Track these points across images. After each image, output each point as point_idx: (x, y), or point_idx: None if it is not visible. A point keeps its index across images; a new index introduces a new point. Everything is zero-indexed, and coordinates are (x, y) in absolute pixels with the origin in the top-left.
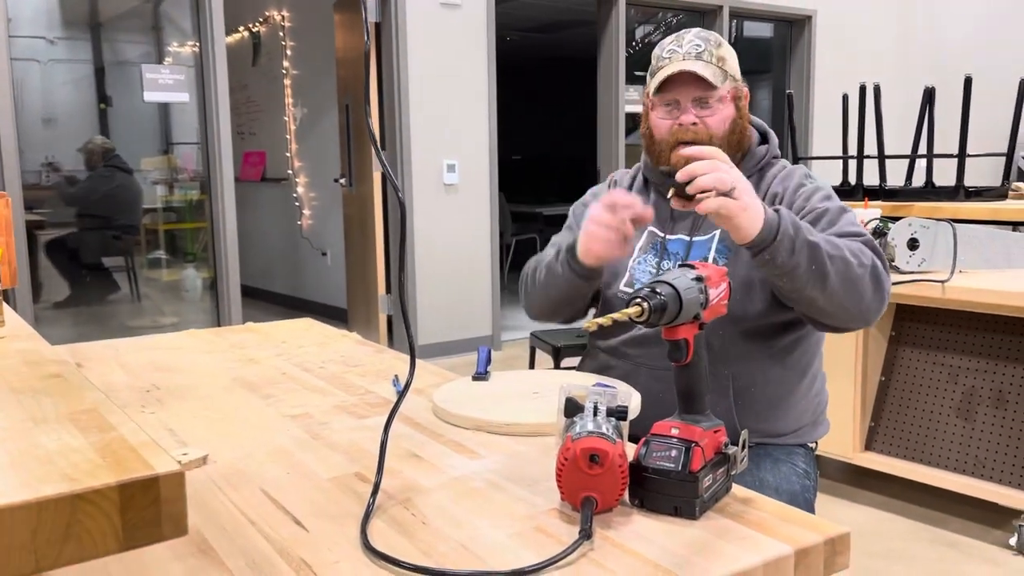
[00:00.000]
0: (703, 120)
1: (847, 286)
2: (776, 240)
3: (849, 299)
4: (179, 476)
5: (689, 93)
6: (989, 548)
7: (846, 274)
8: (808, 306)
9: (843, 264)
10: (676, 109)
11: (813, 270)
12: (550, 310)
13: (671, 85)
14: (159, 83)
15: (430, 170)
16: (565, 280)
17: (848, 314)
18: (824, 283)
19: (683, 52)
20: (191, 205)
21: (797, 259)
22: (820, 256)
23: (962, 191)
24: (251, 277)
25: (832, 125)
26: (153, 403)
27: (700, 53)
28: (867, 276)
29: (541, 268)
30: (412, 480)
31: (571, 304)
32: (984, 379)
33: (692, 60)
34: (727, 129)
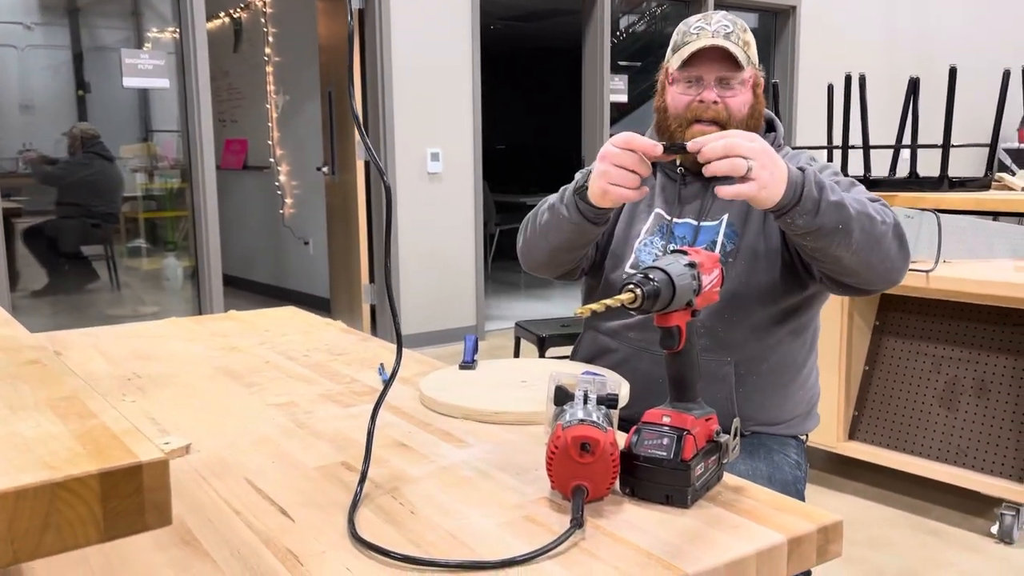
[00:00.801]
0: (724, 100)
1: (872, 243)
2: (799, 203)
3: (875, 256)
4: (163, 464)
5: (714, 71)
6: (971, 536)
7: (871, 231)
8: (834, 264)
9: (868, 221)
10: (697, 86)
11: (839, 229)
12: (547, 258)
13: (697, 61)
14: (138, 69)
15: (414, 159)
16: (571, 223)
17: (874, 272)
18: (849, 241)
19: (711, 30)
20: (172, 193)
21: (821, 220)
22: (845, 214)
23: (946, 181)
24: (233, 266)
25: (817, 115)
26: (134, 391)
27: (728, 34)
28: (891, 233)
29: (543, 211)
30: (400, 469)
31: (571, 252)
32: (967, 368)
33: (721, 38)
34: (746, 114)
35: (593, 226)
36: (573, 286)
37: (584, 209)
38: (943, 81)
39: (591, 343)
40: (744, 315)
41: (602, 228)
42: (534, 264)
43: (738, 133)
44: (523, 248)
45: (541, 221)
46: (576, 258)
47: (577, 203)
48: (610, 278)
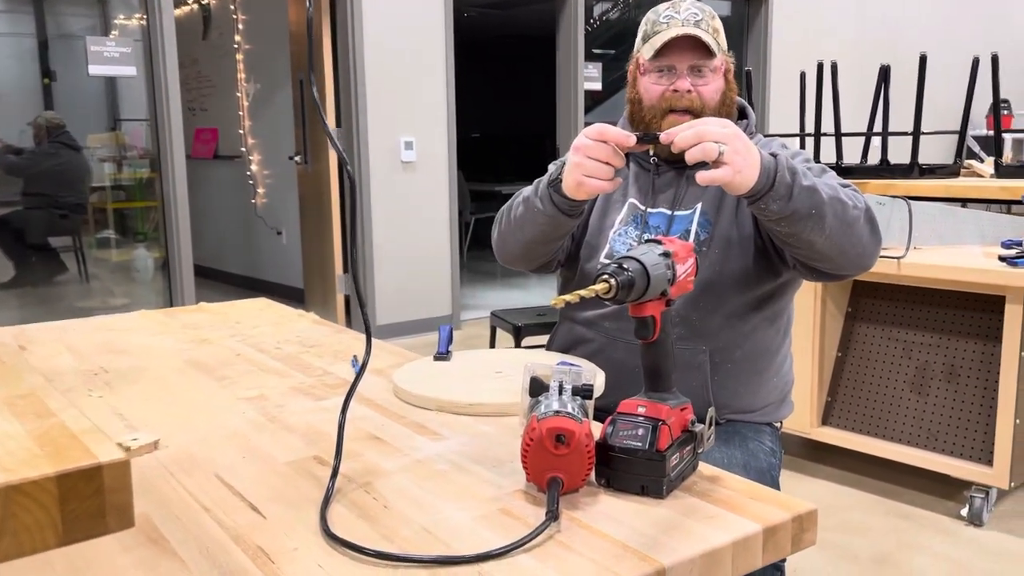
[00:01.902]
0: (697, 89)
1: (845, 228)
2: (773, 188)
3: (848, 241)
4: (123, 465)
5: (686, 60)
6: (942, 519)
7: (844, 216)
8: (807, 249)
9: (840, 206)
10: (671, 75)
11: (812, 214)
12: (522, 251)
13: (668, 50)
14: (104, 56)
15: (387, 148)
16: (545, 215)
17: (847, 257)
18: (822, 226)
19: (681, 18)
20: (141, 183)
21: (794, 204)
22: (818, 199)
23: (916, 169)
24: (204, 257)
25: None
26: (101, 387)
27: (698, 21)
28: (863, 218)
29: (517, 204)
30: (373, 463)
31: (546, 244)
32: (937, 353)
33: (691, 27)
34: (718, 101)
35: (567, 218)
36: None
37: (558, 201)
38: (913, 69)
39: (567, 333)
40: (718, 303)
41: (577, 220)
42: (509, 257)
43: (710, 120)
44: (498, 241)
45: (515, 215)
46: (551, 251)
47: (551, 196)
48: (585, 268)
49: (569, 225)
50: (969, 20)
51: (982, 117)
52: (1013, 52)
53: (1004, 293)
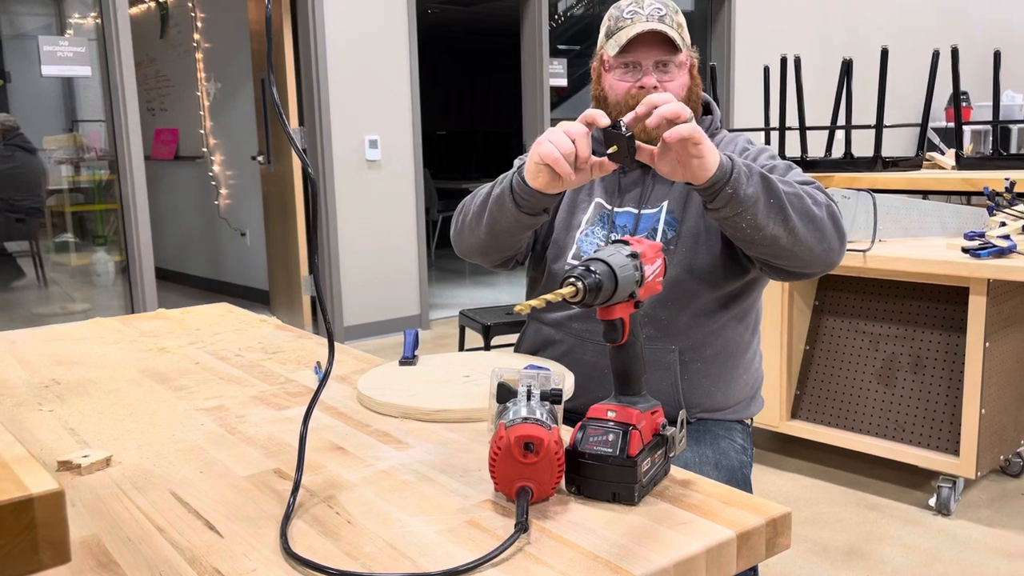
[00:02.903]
0: (663, 85)
1: (807, 222)
2: (733, 174)
3: (812, 236)
4: (58, 496)
5: (652, 55)
6: (911, 509)
7: (804, 210)
8: (772, 247)
9: (799, 200)
10: (635, 71)
11: (772, 203)
12: (479, 246)
13: (634, 46)
14: (58, 56)
15: (351, 146)
16: (506, 214)
17: (812, 254)
18: (785, 217)
19: (645, 14)
20: (100, 185)
21: (756, 192)
22: (776, 190)
23: (880, 162)
24: (167, 260)
25: (754, 97)
26: (52, 400)
27: (662, 16)
28: (824, 213)
29: (479, 197)
30: (336, 475)
31: (506, 240)
32: (903, 345)
33: (655, 22)
34: (684, 97)
35: (527, 217)
36: (518, 274)
37: (519, 193)
38: (875, 62)
39: (535, 335)
40: (687, 301)
41: (537, 220)
42: (467, 250)
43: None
44: (456, 235)
45: (475, 207)
46: (510, 248)
47: (513, 189)
48: (552, 269)
49: (527, 223)
50: (928, 13)
51: (941, 109)
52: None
53: (968, 284)
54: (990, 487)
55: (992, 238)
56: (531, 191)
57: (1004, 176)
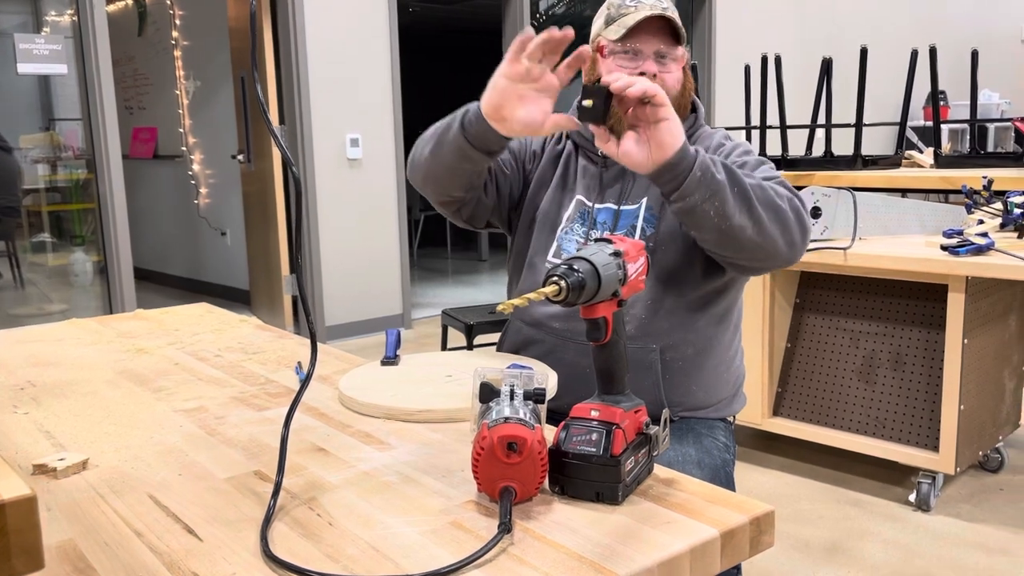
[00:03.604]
0: (661, 76)
1: (771, 213)
2: (699, 156)
3: (776, 227)
4: (30, 502)
5: (653, 44)
6: (891, 505)
7: (768, 201)
8: (739, 238)
9: (762, 191)
10: (635, 59)
11: (737, 192)
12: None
13: (637, 32)
14: (34, 54)
15: (332, 145)
16: (451, 137)
17: (776, 246)
18: (750, 207)
19: (650, 3)
20: (77, 185)
21: (723, 179)
22: (740, 179)
23: (859, 160)
24: (146, 259)
25: (735, 96)
26: (27, 402)
27: (664, 8)
28: (787, 205)
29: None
30: (317, 477)
31: (443, 168)
32: (883, 342)
33: (659, 11)
34: (679, 92)
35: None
36: (500, 272)
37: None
38: (854, 61)
39: (516, 334)
40: (668, 300)
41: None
42: (414, 171)
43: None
44: (412, 156)
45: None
46: (448, 181)
47: (466, 112)
48: (534, 263)
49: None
50: (907, 13)
51: (919, 108)
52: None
53: (946, 282)
54: (969, 482)
55: (970, 236)
56: (480, 119)
57: (982, 174)
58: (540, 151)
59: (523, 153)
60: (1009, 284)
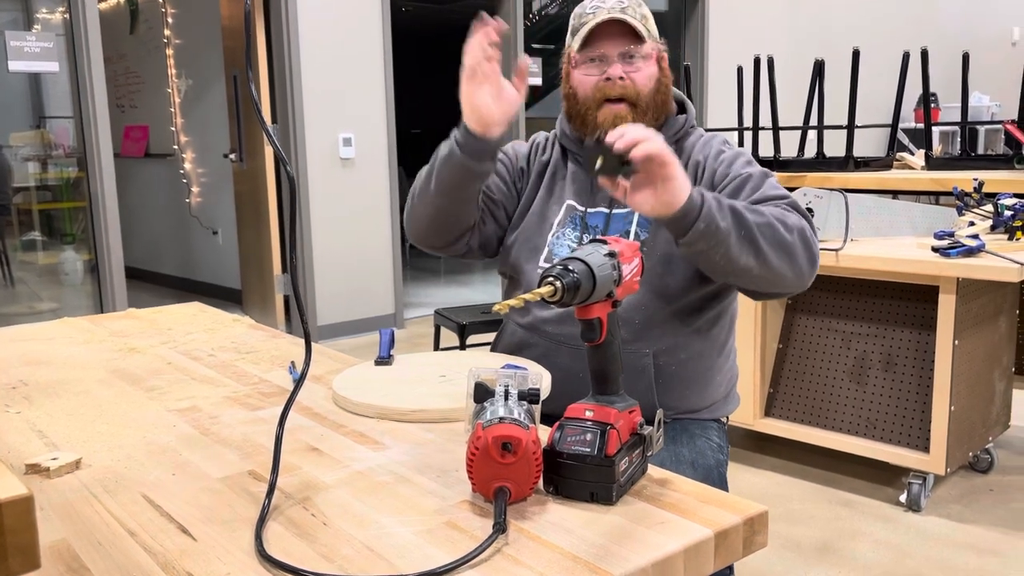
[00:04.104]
0: (630, 76)
1: (779, 251)
2: (704, 206)
3: (783, 263)
4: (26, 502)
5: (616, 47)
6: (882, 505)
7: (776, 239)
8: (744, 276)
9: (770, 228)
10: (602, 64)
11: (743, 235)
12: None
13: (597, 38)
14: (25, 52)
15: (325, 144)
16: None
17: (785, 280)
18: (756, 249)
19: (607, 7)
20: (68, 183)
21: (728, 226)
22: (746, 221)
23: (851, 162)
24: (138, 258)
25: (727, 97)
26: (20, 401)
27: (624, 8)
28: (796, 237)
29: (424, 170)
30: (311, 476)
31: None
32: (874, 344)
33: (617, 14)
34: (652, 88)
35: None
36: (493, 273)
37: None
38: (846, 63)
39: (510, 337)
40: (661, 305)
41: (482, 167)
42: (418, 225)
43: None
44: (408, 215)
45: (422, 177)
46: (461, 211)
47: (455, 139)
48: (525, 271)
49: (473, 170)
50: (898, 15)
51: (910, 110)
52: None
53: (937, 283)
54: (959, 483)
55: (961, 238)
56: (470, 132)
57: (972, 177)
58: (528, 167)
59: (512, 174)
60: (999, 286)
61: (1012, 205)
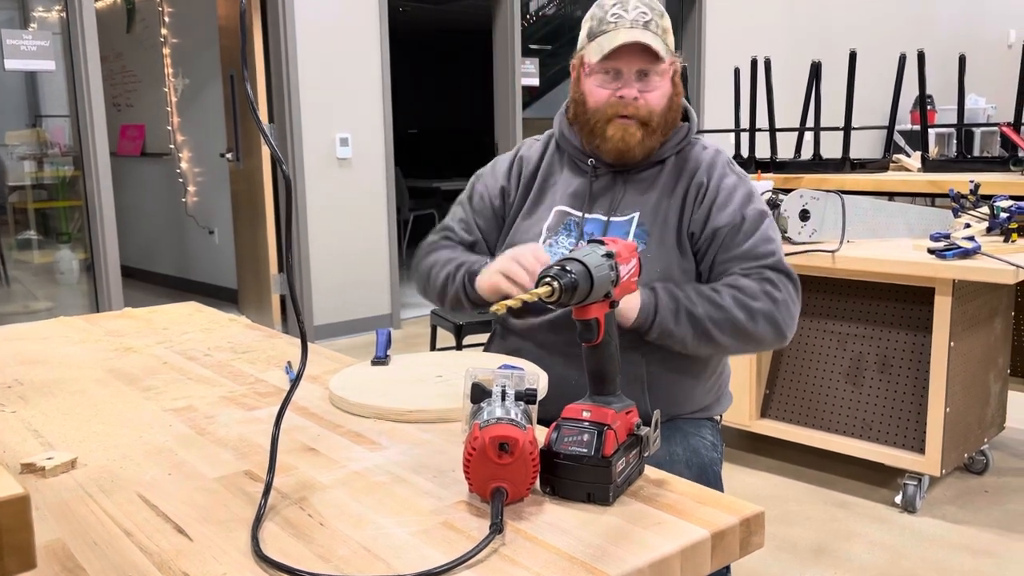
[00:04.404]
0: (644, 96)
1: (739, 341)
2: (656, 318)
3: (746, 347)
4: (22, 501)
5: (634, 64)
6: (877, 507)
7: (736, 332)
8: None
9: (730, 326)
10: (616, 79)
11: (699, 334)
12: (437, 301)
13: (615, 54)
14: (21, 50)
15: (322, 144)
16: (455, 296)
17: (750, 353)
18: (714, 343)
19: (630, 18)
20: (64, 182)
21: (682, 331)
22: (703, 326)
23: (848, 163)
24: (133, 258)
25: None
26: (15, 401)
27: (647, 23)
28: (761, 324)
29: (438, 269)
30: (308, 476)
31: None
32: (870, 345)
33: (640, 29)
34: (665, 106)
35: (473, 308)
36: None
37: (471, 294)
38: (843, 65)
39: (501, 343)
40: None
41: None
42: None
43: None
44: (417, 282)
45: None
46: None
47: (466, 287)
48: None
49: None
50: (895, 17)
51: (906, 112)
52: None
53: (933, 285)
54: (954, 484)
55: (957, 239)
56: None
57: (968, 178)
58: (508, 183)
59: (490, 201)
60: (995, 288)
61: (1008, 207)
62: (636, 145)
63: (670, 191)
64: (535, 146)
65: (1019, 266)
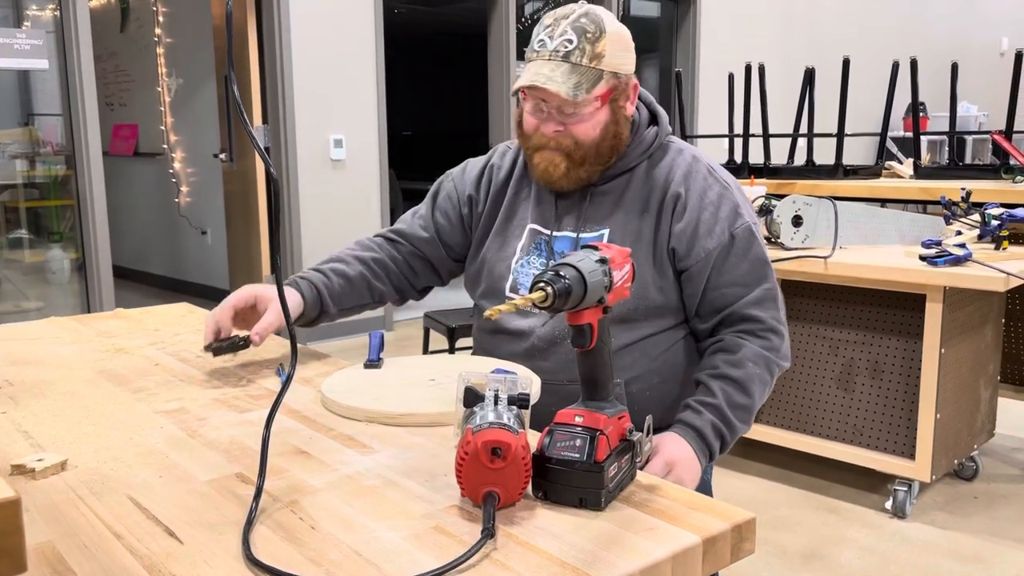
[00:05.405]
0: (569, 128)
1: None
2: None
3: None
4: (13, 505)
5: (551, 99)
6: (868, 512)
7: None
8: None
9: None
10: (540, 112)
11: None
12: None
13: (531, 87)
14: (14, 49)
15: (316, 145)
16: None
17: None
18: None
19: (551, 48)
20: (56, 181)
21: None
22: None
23: (840, 170)
24: (125, 258)
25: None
26: (5, 401)
27: (570, 52)
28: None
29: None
30: (299, 480)
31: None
32: (861, 351)
33: (557, 61)
34: (598, 136)
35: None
36: None
37: None
38: (837, 72)
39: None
40: (632, 334)
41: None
42: None
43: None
44: None
45: None
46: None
47: None
48: (491, 296)
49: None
50: (888, 25)
51: (899, 119)
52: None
53: (924, 292)
54: (944, 490)
55: (948, 246)
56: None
57: (960, 186)
58: (477, 192)
59: (457, 203)
60: (986, 295)
61: (999, 215)
62: (561, 177)
63: (643, 203)
64: (508, 155)
65: (1010, 273)
